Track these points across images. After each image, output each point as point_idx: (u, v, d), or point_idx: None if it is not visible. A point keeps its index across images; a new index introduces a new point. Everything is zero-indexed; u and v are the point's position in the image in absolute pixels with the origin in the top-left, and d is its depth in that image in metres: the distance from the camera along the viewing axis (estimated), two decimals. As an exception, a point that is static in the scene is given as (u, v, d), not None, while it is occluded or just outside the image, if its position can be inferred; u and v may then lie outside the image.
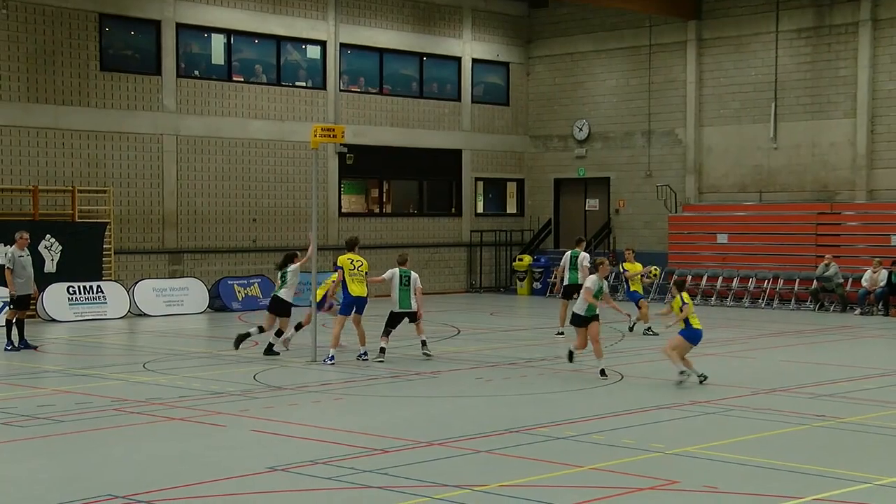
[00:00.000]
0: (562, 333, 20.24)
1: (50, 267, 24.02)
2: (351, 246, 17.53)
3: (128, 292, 24.98)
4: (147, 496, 9.01)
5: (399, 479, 9.56)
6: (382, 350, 17.07)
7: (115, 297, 24.65)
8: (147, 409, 13.03)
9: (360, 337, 17.27)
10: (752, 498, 8.99)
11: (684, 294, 14.90)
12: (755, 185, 30.28)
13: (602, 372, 15.42)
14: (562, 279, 20.89)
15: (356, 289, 17.06)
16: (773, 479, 9.62)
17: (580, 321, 15.60)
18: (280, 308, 17.74)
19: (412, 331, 17.65)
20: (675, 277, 17.82)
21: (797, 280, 27.84)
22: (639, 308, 20.90)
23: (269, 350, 17.65)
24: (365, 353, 17.07)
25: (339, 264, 17.28)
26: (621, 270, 22.64)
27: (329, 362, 16.73)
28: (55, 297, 23.71)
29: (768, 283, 28.21)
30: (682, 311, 14.65)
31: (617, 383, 15.21)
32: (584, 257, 20.52)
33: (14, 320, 18.75)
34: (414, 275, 17.27)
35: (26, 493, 9.19)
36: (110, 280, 25.07)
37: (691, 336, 14.77)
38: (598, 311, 15.55)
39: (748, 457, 10.44)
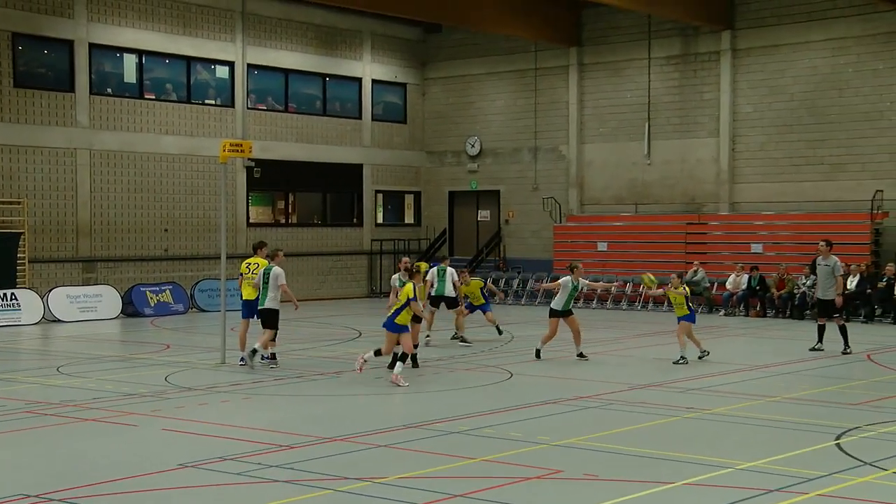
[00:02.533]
0: (428, 336, 19.31)
1: (-35, 275, 23.19)
2: (254, 249, 17.10)
3: (42, 299, 24.26)
4: (60, 494, 8.76)
5: (304, 473, 9.49)
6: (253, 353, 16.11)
7: (29, 304, 23.92)
8: (61, 411, 12.67)
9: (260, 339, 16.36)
10: (628, 484, 9.16)
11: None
12: (631, 197, 30.88)
13: (580, 354, 17.14)
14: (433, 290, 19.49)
15: (244, 292, 16.64)
16: (647, 467, 9.82)
17: (559, 314, 17.15)
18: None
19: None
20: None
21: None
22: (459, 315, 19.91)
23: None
24: (253, 354, 16.25)
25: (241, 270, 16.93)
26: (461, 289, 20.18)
27: (240, 363, 16.49)
28: (-30, 305, 22.92)
29: (643, 287, 28.70)
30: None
31: (506, 381, 15.33)
32: (452, 272, 19.85)
33: None
34: (276, 270, 15.92)
35: (-59, 495, 8.86)
36: (24, 287, 24.31)
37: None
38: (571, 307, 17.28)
39: (624, 447, 10.63)
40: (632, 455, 10.28)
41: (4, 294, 23.51)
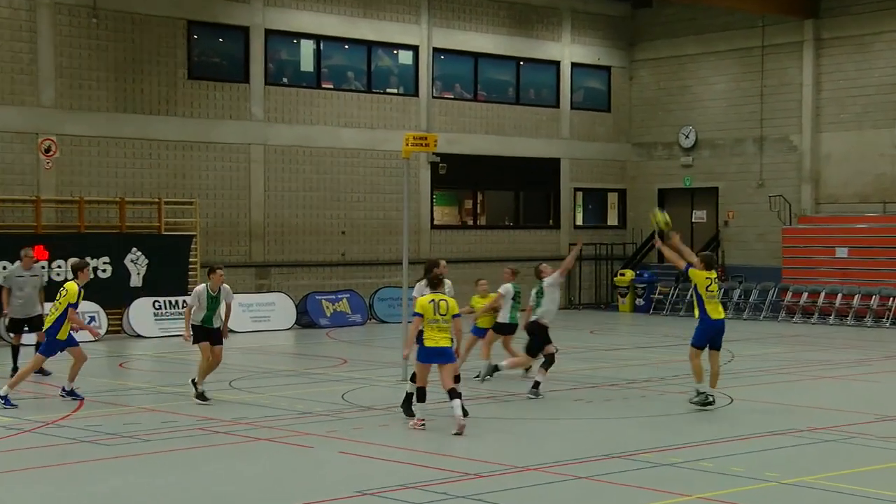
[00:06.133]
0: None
1: (136, 281, 24.52)
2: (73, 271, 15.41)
3: (214, 307, 25.32)
4: (232, 519, 9.10)
5: (494, 506, 9.51)
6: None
7: (201, 312, 25.02)
8: (233, 429, 13.19)
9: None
10: (876, 533, 8.73)
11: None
12: (878, 194, 29.58)
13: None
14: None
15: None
16: (900, 514, 9.33)
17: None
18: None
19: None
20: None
21: (925, 298, 27.09)
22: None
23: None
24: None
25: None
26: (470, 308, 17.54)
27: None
28: (141, 313, 24.20)
29: (893, 300, 27.49)
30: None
31: (726, 406, 14.93)
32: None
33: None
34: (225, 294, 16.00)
35: (110, 514, 9.36)
36: (196, 294, 25.45)
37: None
38: None
39: (873, 489, 10.13)
40: (883, 499, 9.79)
41: (176, 301, 24.68)
